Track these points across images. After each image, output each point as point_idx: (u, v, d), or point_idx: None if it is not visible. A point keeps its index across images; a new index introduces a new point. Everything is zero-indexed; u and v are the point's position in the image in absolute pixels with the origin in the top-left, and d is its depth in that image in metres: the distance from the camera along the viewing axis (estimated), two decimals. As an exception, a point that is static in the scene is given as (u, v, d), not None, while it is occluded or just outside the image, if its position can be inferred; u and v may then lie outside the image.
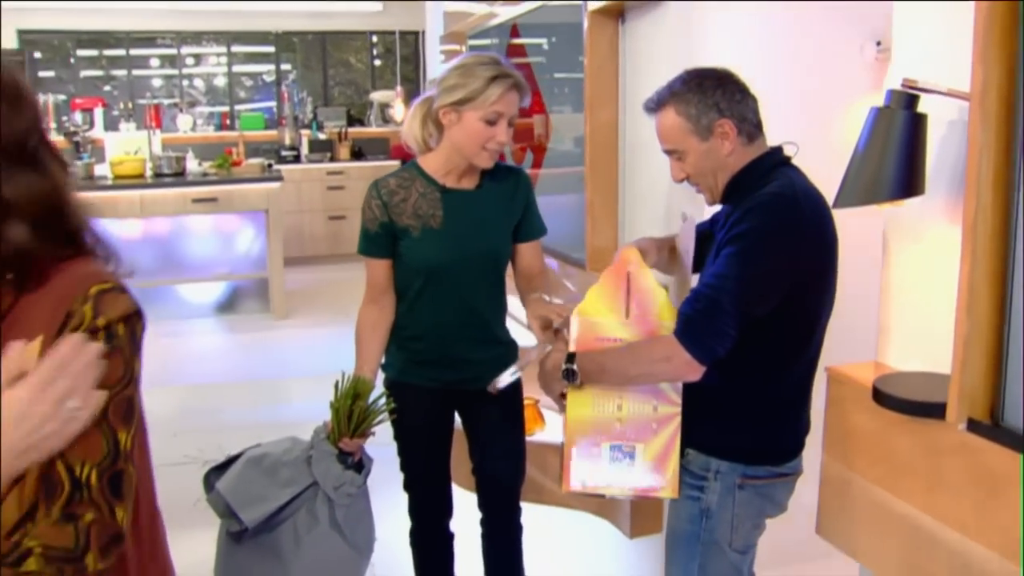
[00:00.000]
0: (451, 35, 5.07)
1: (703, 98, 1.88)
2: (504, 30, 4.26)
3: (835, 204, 1.87)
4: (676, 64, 2.12)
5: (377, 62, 9.87)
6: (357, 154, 8.88)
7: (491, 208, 2.28)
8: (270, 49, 9.48)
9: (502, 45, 4.29)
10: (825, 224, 1.86)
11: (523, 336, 2.52)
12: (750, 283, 1.77)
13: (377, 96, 9.35)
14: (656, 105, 1.95)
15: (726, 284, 1.76)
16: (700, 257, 2.05)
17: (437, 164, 2.25)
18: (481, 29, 4.64)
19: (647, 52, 3.04)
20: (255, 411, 4.83)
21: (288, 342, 6.19)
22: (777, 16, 2.62)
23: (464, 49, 4.93)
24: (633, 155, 3.21)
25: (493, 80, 2.11)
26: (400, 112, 8.69)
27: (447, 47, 5.16)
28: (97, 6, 8.37)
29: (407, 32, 9.55)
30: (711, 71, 1.93)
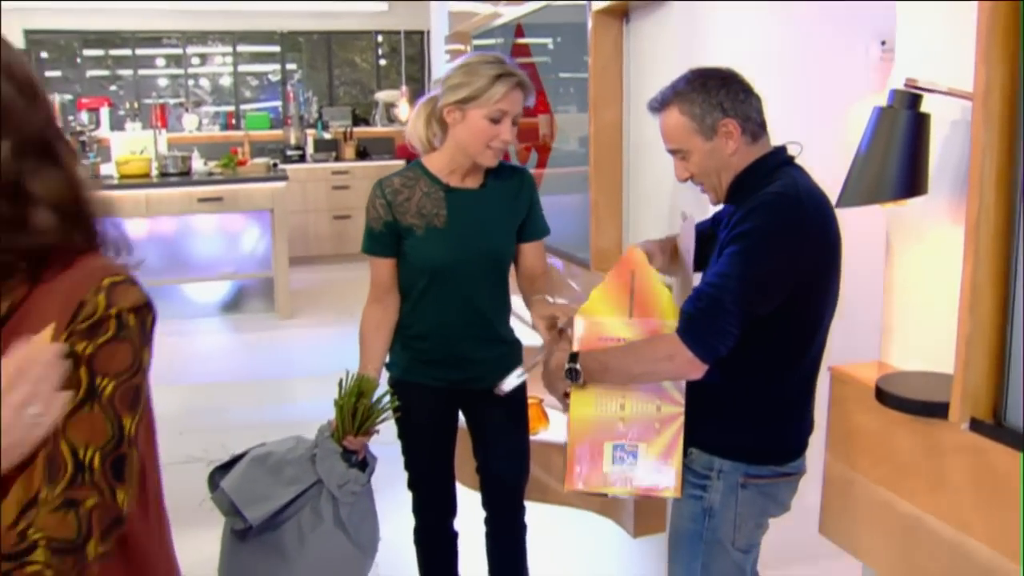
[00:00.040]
0: (456, 35, 5.08)
1: (707, 97, 1.88)
2: (509, 30, 4.27)
3: (838, 203, 1.87)
4: (680, 64, 2.12)
5: (382, 62, 9.87)
6: (362, 154, 8.89)
7: (495, 207, 2.28)
8: (275, 49, 9.49)
9: (507, 45, 4.30)
10: (828, 224, 1.86)
11: (527, 336, 2.52)
12: (752, 282, 1.77)
13: (382, 96, 9.35)
14: (660, 105, 1.95)
15: (728, 283, 1.76)
16: (703, 256, 2.05)
17: (441, 163, 2.25)
18: (486, 29, 4.65)
19: (651, 52, 3.04)
20: (260, 410, 4.83)
21: (293, 341, 6.20)
22: (781, 16, 2.62)
23: (469, 49, 4.94)
24: (637, 155, 3.21)
25: (498, 78, 2.12)
26: (405, 112, 8.68)
27: (452, 47, 5.17)
28: (103, 6, 8.39)
29: (412, 32, 9.56)
30: (715, 71, 1.93)
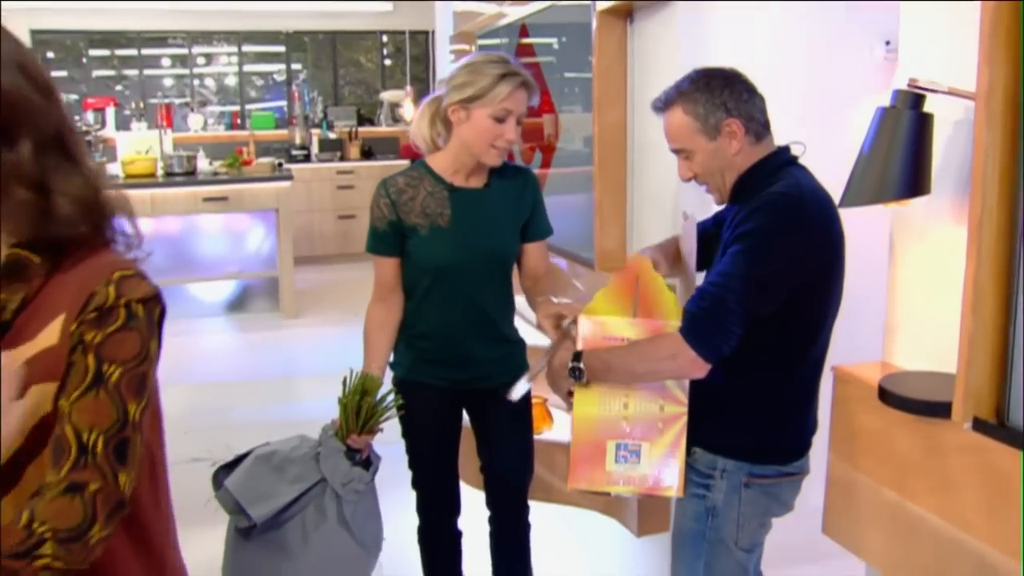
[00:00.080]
0: (461, 35, 5.09)
1: (711, 97, 1.88)
2: (513, 30, 4.27)
3: (841, 203, 1.87)
4: (684, 64, 2.13)
5: (387, 62, 9.89)
6: (367, 153, 8.90)
7: (499, 207, 2.29)
8: (281, 49, 9.51)
9: (511, 45, 4.30)
10: (831, 223, 1.86)
11: (531, 335, 2.53)
12: (755, 282, 1.77)
13: (387, 96, 9.36)
14: (664, 104, 1.96)
15: (731, 283, 1.76)
16: (707, 256, 2.05)
17: (445, 163, 2.26)
18: (490, 29, 4.65)
19: (655, 52, 3.04)
20: (264, 410, 4.84)
21: (297, 341, 6.21)
22: (785, 16, 2.62)
23: (473, 49, 4.94)
24: (642, 155, 3.22)
25: (502, 78, 2.12)
26: (410, 112, 8.69)
27: (457, 47, 5.18)
28: (109, 6, 8.41)
29: (417, 32, 9.57)
30: (719, 71, 1.93)
